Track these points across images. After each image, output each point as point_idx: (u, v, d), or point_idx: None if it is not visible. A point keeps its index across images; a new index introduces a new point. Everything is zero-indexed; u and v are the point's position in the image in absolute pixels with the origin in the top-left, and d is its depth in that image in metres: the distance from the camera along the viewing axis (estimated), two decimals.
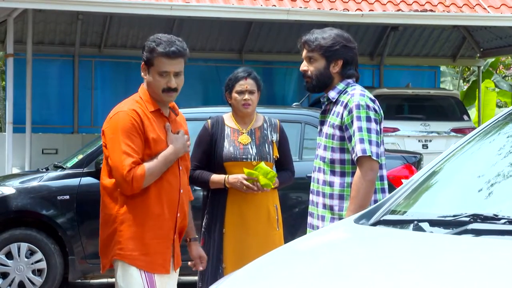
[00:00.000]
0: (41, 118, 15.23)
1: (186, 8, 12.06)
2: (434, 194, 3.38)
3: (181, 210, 4.36)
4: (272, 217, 5.36)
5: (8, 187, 8.25)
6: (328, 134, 4.42)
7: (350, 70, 4.46)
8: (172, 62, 4.26)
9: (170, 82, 4.28)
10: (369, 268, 2.73)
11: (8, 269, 8.13)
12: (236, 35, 16.45)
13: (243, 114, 5.39)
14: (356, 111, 4.31)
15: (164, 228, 4.30)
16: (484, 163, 3.34)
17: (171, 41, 4.28)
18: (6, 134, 11.80)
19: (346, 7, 12.59)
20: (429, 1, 13.05)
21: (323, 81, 4.45)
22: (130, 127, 4.24)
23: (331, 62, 4.44)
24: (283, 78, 16.92)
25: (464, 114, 14.24)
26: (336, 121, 4.38)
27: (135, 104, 4.33)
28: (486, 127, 3.55)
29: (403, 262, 2.72)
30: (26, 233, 8.20)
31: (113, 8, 11.85)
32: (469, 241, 2.77)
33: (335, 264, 2.85)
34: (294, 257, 3.07)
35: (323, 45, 4.43)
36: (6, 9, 11.89)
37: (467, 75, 25.72)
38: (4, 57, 15.62)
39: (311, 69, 4.47)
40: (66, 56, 16.06)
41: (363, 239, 3.08)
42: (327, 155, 4.42)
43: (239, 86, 5.36)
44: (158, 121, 4.33)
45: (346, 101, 4.36)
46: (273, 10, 12.34)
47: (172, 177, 4.32)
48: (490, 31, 15.91)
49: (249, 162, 5.30)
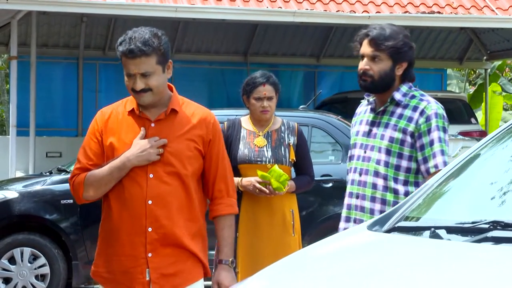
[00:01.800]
0: (45, 121, 15.14)
1: (191, 10, 12.02)
2: (449, 200, 3.26)
3: (155, 224, 3.73)
4: (287, 222, 5.26)
5: (11, 191, 8.19)
6: (395, 138, 4.14)
7: (411, 72, 4.23)
8: (133, 62, 3.67)
9: (135, 84, 3.70)
10: (385, 277, 2.62)
11: (11, 274, 8.07)
12: (242, 37, 16.37)
13: (261, 119, 5.32)
14: (435, 120, 4.10)
15: (127, 244, 3.74)
16: (500, 169, 3.22)
17: (133, 38, 3.67)
18: (9, 137, 11.80)
19: (352, 9, 12.51)
20: (437, 3, 12.97)
21: (387, 82, 4.18)
22: (91, 129, 3.85)
23: (397, 64, 4.17)
24: (289, 81, 16.82)
25: (472, 117, 14.14)
26: (410, 126, 4.13)
27: (119, 104, 3.91)
28: (500, 133, 3.43)
29: (420, 271, 2.60)
30: (29, 237, 8.12)
31: (118, 10, 11.80)
32: (489, 249, 2.66)
33: (349, 272, 2.74)
34: (306, 265, 2.96)
35: (394, 46, 4.14)
36: (10, 11, 11.88)
37: (473, 78, 25.61)
38: (8, 59, 15.56)
39: (375, 69, 4.16)
40: (70, 58, 16.02)
41: (378, 247, 2.96)
42: (392, 160, 4.14)
43: (257, 93, 5.28)
44: (138, 122, 3.81)
45: (423, 107, 4.13)
46: (279, 12, 12.28)
47: (133, 187, 3.73)
48: (498, 34, 15.81)
49: (264, 165, 5.22)
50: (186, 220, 3.79)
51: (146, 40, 3.67)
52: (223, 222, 3.87)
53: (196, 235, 3.84)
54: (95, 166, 3.78)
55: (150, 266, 3.73)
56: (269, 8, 12.28)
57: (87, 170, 3.79)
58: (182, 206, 3.78)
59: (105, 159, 3.80)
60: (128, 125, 3.80)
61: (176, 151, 3.78)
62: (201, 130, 3.82)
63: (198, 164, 3.83)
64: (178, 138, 3.79)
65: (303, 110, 9.07)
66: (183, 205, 3.79)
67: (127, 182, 3.74)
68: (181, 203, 3.78)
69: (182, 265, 3.79)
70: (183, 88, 16.53)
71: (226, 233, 3.86)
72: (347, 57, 16.89)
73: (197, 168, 3.83)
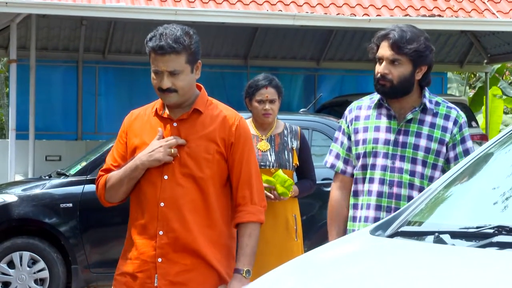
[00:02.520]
0: (44, 125, 15.10)
1: (191, 13, 11.99)
2: (453, 205, 3.21)
3: (166, 228, 3.57)
4: (290, 226, 5.22)
5: (10, 195, 8.15)
6: (431, 149, 3.91)
7: (429, 77, 3.99)
8: (162, 59, 3.52)
9: (162, 82, 3.54)
10: (389, 282, 2.58)
11: (10, 279, 8.02)
12: (242, 40, 16.33)
13: (263, 122, 5.27)
14: (466, 129, 3.95)
15: (138, 247, 3.61)
16: (504, 173, 3.17)
17: (164, 34, 3.53)
18: (9, 140, 11.75)
19: (353, 12, 12.47)
20: (437, 6, 12.93)
21: (406, 87, 3.92)
22: (120, 132, 3.76)
23: (417, 68, 3.91)
24: (289, 84, 16.77)
25: (473, 121, 14.10)
26: (446, 137, 3.93)
27: (150, 105, 3.77)
28: (503, 137, 3.38)
29: (425, 277, 2.56)
30: (28, 241, 8.08)
31: (117, 13, 11.74)
32: (495, 254, 2.61)
33: (353, 277, 2.70)
34: (310, 269, 2.92)
35: (417, 49, 3.88)
36: (9, 15, 11.84)
37: (473, 82, 25.56)
38: (7, 63, 15.55)
39: (395, 73, 3.89)
40: (69, 62, 15.95)
41: (382, 252, 2.91)
42: (427, 171, 3.92)
43: (260, 95, 5.23)
44: (161, 122, 3.67)
45: (454, 116, 3.95)
46: (279, 15, 12.24)
47: (148, 188, 3.61)
48: (498, 37, 15.79)
49: (267, 169, 5.18)
50: (202, 226, 3.59)
51: (178, 37, 3.52)
52: (243, 230, 3.63)
53: (216, 243, 3.62)
54: (118, 167, 3.67)
55: (158, 272, 3.57)
56: (269, 11, 12.24)
57: (110, 171, 3.69)
58: (196, 210, 3.59)
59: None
60: (151, 126, 3.68)
61: (194, 153, 3.61)
62: (223, 132, 3.63)
63: (219, 167, 3.63)
64: (198, 139, 3.62)
65: (304, 114, 9.03)
66: (198, 209, 3.59)
67: (144, 184, 3.62)
68: (196, 207, 3.59)
69: (193, 274, 3.59)
70: None
71: (245, 242, 3.61)
72: (347, 61, 16.86)
73: (217, 172, 3.62)
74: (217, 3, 12.30)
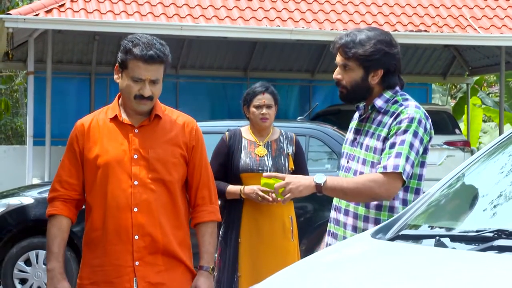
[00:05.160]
0: (59, 132, 14.99)
1: (196, 28, 11.97)
2: (453, 208, 3.05)
3: (142, 232, 3.39)
4: (287, 228, 5.10)
5: (27, 197, 8.07)
6: (369, 146, 3.47)
7: (392, 80, 3.50)
8: (148, 68, 3.35)
9: (144, 89, 3.37)
10: (390, 286, 2.41)
11: (27, 275, 7.93)
12: (242, 54, 16.27)
13: (260, 128, 5.14)
14: (406, 125, 3.40)
15: (111, 253, 3.40)
16: (504, 177, 3.00)
17: (150, 44, 3.37)
18: (27, 147, 11.70)
19: (345, 27, 12.38)
20: (423, 22, 12.85)
21: (360, 93, 3.50)
22: (70, 143, 3.54)
23: (370, 73, 3.47)
24: (285, 94, 16.70)
25: (456, 128, 14.01)
26: (383, 132, 3.45)
27: (99, 111, 3.59)
28: (502, 140, 3.22)
29: (426, 280, 2.39)
30: (44, 241, 7.90)
31: (127, 28, 11.67)
32: (495, 258, 2.44)
33: (354, 281, 2.53)
34: (311, 273, 2.75)
35: (361, 54, 3.44)
36: (27, 30, 11.89)
37: (454, 92, 25.49)
38: (26, 75, 15.52)
39: (347, 78, 3.50)
40: (83, 74, 15.98)
41: (383, 256, 2.74)
42: (366, 170, 3.46)
43: (257, 100, 5.12)
44: (121, 129, 3.48)
45: (398, 112, 3.44)
46: (277, 30, 12.21)
47: (117, 194, 3.39)
48: (479, 51, 15.74)
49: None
50: (172, 227, 3.47)
51: (163, 47, 3.40)
52: (205, 229, 3.52)
53: (183, 243, 3.52)
54: (72, 179, 3.48)
55: (137, 275, 3.39)
56: (268, 27, 12.19)
57: (65, 185, 3.48)
58: (168, 213, 3.45)
59: (84, 169, 3.48)
60: (109, 131, 3.47)
61: (161, 158, 3.45)
62: (184, 136, 3.51)
63: (183, 170, 3.51)
64: (163, 144, 3.46)
65: (301, 121, 8.89)
66: (169, 212, 3.45)
67: (111, 190, 3.40)
68: (167, 210, 3.45)
69: (170, 273, 3.46)
70: (188, 101, 16.51)
71: (207, 240, 3.51)
72: None
73: (182, 174, 3.50)
74: (219, 19, 12.20)
